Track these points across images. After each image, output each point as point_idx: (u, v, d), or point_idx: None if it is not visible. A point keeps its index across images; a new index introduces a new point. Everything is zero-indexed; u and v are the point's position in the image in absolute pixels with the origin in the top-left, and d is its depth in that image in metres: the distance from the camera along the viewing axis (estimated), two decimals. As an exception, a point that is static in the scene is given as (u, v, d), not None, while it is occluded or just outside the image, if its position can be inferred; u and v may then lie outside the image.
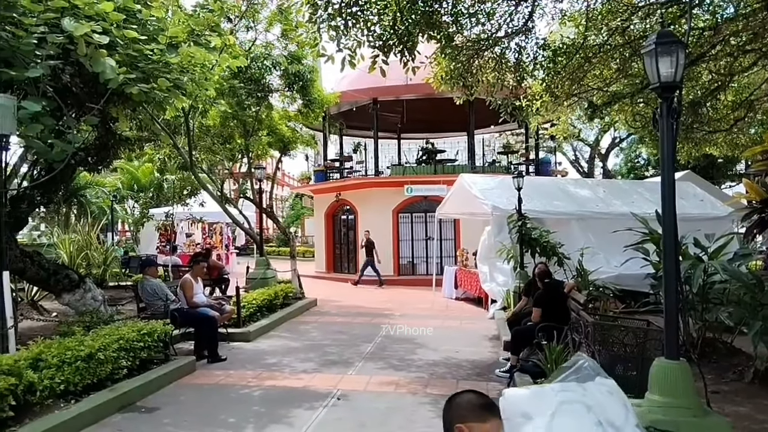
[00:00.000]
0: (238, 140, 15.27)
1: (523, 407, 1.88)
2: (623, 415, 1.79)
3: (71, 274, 8.80)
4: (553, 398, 1.85)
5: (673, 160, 3.44)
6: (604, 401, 1.82)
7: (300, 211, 40.66)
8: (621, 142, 33.76)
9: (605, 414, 1.77)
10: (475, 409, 1.95)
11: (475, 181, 12.92)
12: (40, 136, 6.29)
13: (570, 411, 1.78)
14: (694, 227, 7.73)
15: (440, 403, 6.03)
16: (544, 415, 1.79)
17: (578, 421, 1.75)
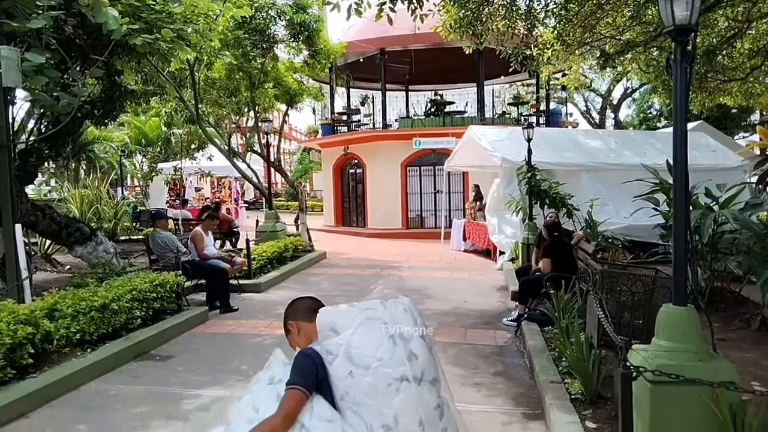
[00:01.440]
0: (244, 93, 15.11)
1: (332, 323, 2.12)
2: (412, 329, 2.16)
3: (82, 227, 8.89)
4: (357, 315, 2.13)
5: (685, 107, 3.37)
6: (399, 316, 2.16)
7: (308, 165, 40.57)
8: (633, 93, 33.15)
9: (398, 328, 2.13)
10: (307, 311, 2.30)
11: (485, 133, 12.78)
12: (46, 89, 6.25)
13: (368, 326, 2.09)
14: (705, 177, 7.63)
15: (449, 351, 6.18)
16: (348, 329, 2.08)
17: (374, 334, 2.07)
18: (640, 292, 4.62)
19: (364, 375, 2.02)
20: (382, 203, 19.30)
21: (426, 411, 2.06)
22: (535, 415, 4.54)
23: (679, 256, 3.22)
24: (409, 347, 2.10)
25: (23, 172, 7.92)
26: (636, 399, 3.09)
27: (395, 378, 2.02)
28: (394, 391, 2.01)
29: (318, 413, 2.00)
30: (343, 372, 2.04)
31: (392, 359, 2.05)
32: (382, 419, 2.00)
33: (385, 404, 2.00)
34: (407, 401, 2.02)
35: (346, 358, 2.05)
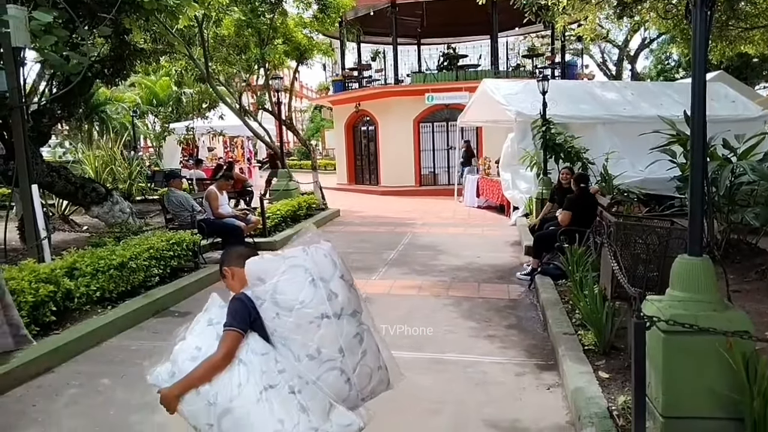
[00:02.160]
0: (254, 50, 14.92)
1: (259, 273, 2.34)
2: (331, 271, 2.39)
3: (98, 188, 8.97)
4: (281, 264, 2.35)
5: (705, 55, 3.28)
6: (320, 261, 2.39)
7: (319, 123, 40.32)
8: (651, 43, 32.25)
9: (319, 272, 2.35)
10: (239, 257, 2.50)
11: (499, 87, 12.56)
12: (55, 48, 6.21)
13: (291, 273, 2.32)
14: (723, 129, 7.47)
15: (462, 305, 6.24)
16: (272, 278, 2.32)
17: (296, 280, 2.31)
18: (655, 245, 4.59)
19: (288, 316, 2.29)
20: (395, 160, 19.22)
21: (346, 340, 2.36)
22: (548, 366, 4.60)
23: (695, 205, 3.18)
24: (329, 287, 2.36)
25: (37, 132, 7.96)
26: (649, 349, 3.10)
27: (316, 316, 2.30)
28: (316, 327, 2.29)
29: (253, 348, 2.28)
30: (270, 314, 2.31)
31: (313, 300, 2.31)
32: (307, 350, 2.30)
33: (308, 338, 2.29)
34: (328, 334, 2.31)
35: (272, 303, 2.30)
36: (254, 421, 2.19)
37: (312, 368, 2.30)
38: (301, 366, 2.31)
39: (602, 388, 3.80)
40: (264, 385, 2.23)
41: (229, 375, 2.24)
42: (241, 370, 2.24)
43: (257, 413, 2.19)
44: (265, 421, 2.19)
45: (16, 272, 5.26)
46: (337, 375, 2.33)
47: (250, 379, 2.23)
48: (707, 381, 3.09)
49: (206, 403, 2.23)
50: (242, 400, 2.21)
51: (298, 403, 2.24)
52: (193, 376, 2.24)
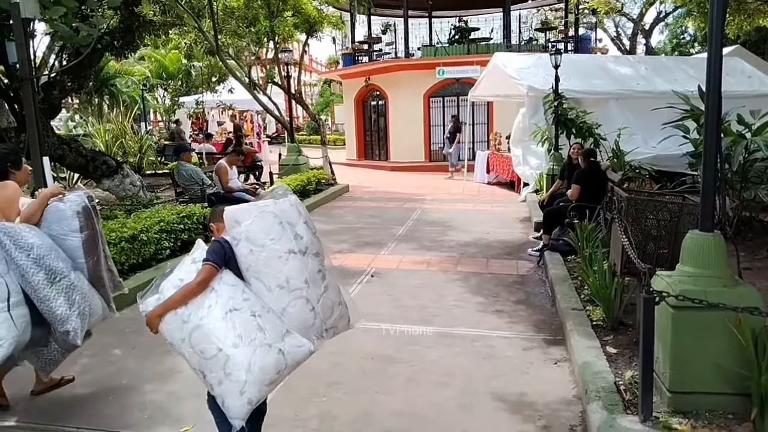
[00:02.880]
0: (263, 22, 14.81)
1: (235, 217, 2.73)
2: (296, 217, 2.78)
3: (108, 160, 9.01)
4: (254, 210, 2.75)
5: (722, 28, 3.21)
6: (287, 209, 2.79)
7: (329, 98, 40.07)
8: (667, 17, 31.54)
9: (286, 217, 2.75)
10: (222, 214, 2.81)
11: (511, 61, 12.40)
12: (64, 20, 6.19)
13: (262, 217, 2.71)
14: (738, 104, 7.32)
15: (471, 280, 6.25)
16: (247, 220, 2.70)
17: (267, 222, 2.70)
18: (666, 221, 4.56)
19: (261, 251, 2.67)
20: (405, 136, 19.10)
21: (310, 274, 2.75)
22: (556, 341, 4.62)
23: (708, 180, 3.15)
24: (295, 230, 2.74)
25: (47, 105, 7.97)
26: (658, 324, 3.10)
27: (284, 251, 2.68)
28: (285, 261, 2.68)
29: (225, 280, 2.67)
30: (245, 251, 2.68)
31: (281, 238, 2.69)
32: (278, 281, 2.68)
33: (278, 270, 2.68)
34: (295, 267, 2.70)
35: (246, 241, 2.68)
36: (219, 334, 2.56)
37: (282, 297, 2.68)
38: (272, 296, 2.68)
39: (610, 363, 3.82)
40: (229, 308, 2.60)
41: (201, 299, 2.63)
42: (211, 295, 2.63)
43: (221, 328, 2.57)
44: (227, 334, 2.56)
45: (29, 244, 5.31)
46: (303, 303, 2.72)
47: (218, 302, 2.61)
48: (715, 356, 3.10)
49: (181, 322, 2.61)
50: (210, 318, 2.59)
51: (256, 324, 2.60)
52: (173, 299, 2.64)
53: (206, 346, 2.57)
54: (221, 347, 2.55)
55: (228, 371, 2.55)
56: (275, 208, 2.76)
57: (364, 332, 4.88)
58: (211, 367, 2.57)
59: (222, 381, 2.56)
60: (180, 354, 2.69)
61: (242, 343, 2.55)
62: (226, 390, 2.56)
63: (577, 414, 3.50)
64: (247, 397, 2.56)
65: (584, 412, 3.45)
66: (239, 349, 2.54)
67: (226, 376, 2.55)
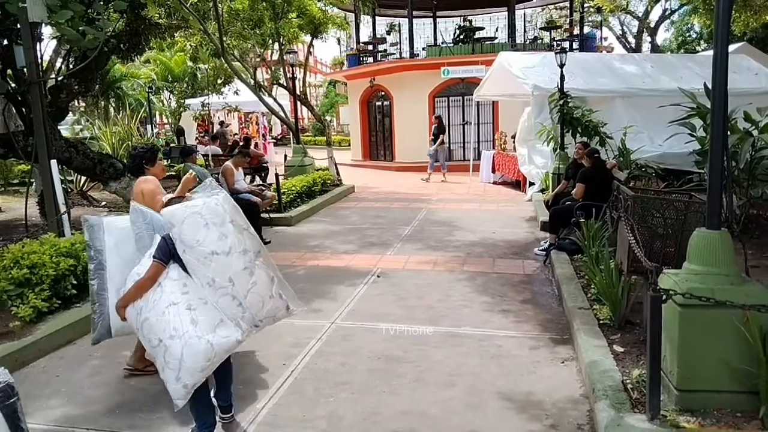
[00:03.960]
0: (268, 24, 14.82)
1: (169, 218, 3.00)
2: (222, 217, 3.03)
3: (115, 163, 9.04)
4: (184, 212, 3.00)
5: (728, 24, 3.19)
6: (213, 209, 3.02)
7: (334, 99, 40.09)
8: (672, 14, 31.45)
9: (212, 217, 3.00)
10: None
11: (516, 60, 12.37)
12: (71, 23, 6.23)
13: (192, 219, 2.97)
14: (745, 102, 7.30)
15: (477, 280, 6.25)
16: (179, 223, 2.97)
17: (195, 223, 2.96)
18: (673, 219, 4.55)
19: (190, 253, 2.98)
20: (410, 136, 19.09)
21: (234, 272, 3.01)
22: (563, 340, 4.61)
23: (715, 177, 3.14)
24: (220, 230, 3.00)
25: (55, 108, 8.02)
26: (665, 322, 3.10)
27: (208, 253, 2.97)
28: (209, 261, 2.97)
29: (170, 275, 3.02)
30: (180, 250, 3.00)
31: (206, 240, 2.97)
32: (206, 279, 3.00)
33: (205, 270, 2.99)
34: (217, 268, 2.98)
35: (180, 242, 2.98)
36: (158, 328, 2.92)
37: (211, 293, 3.01)
38: (205, 291, 3.02)
39: (617, 362, 3.81)
40: (170, 302, 2.94)
41: (151, 294, 2.99)
42: (157, 290, 2.99)
43: (161, 321, 2.92)
44: (165, 327, 2.90)
45: (37, 246, 5.36)
46: (229, 299, 3.03)
47: (162, 297, 2.96)
48: (723, 354, 3.09)
49: (136, 314, 3.00)
50: (154, 312, 2.95)
51: (190, 317, 2.93)
52: (129, 293, 3.06)
53: (152, 336, 2.94)
54: (161, 338, 2.91)
55: (167, 360, 2.89)
56: (203, 208, 3.02)
57: (370, 332, 4.89)
58: (156, 355, 2.96)
59: (164, 368, 2.92)
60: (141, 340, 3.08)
61: (177, 335, 2.88)
62: (167, 377, 2.92)
63: (585, 413, 3.50)
64: (183, 382, 2.89)
65: (591, 411, 3.45)
66: (174, 341, 2.88)
67: (165, 364, 2.90)
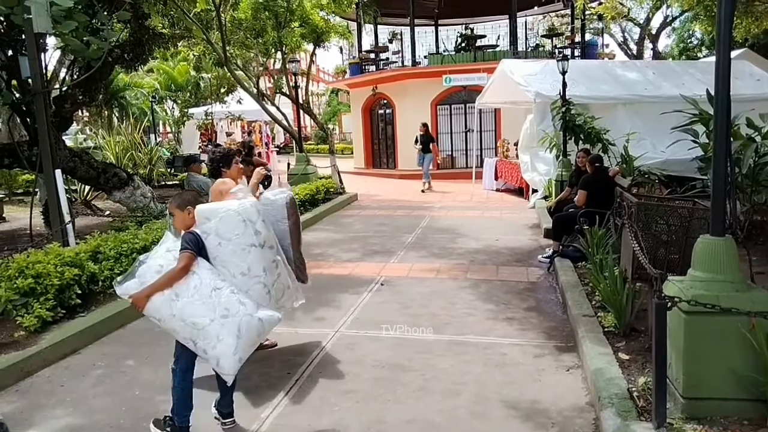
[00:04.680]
0: (271, 33, 14.92)
1: (207, 213, 3.27)
2: (256, 216, 3.36)
3: (119, 172, 9.08)
4: (221, 209, 3.28)
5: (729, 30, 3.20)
6: (248, 208, 3.34)
7: (336, 107, 40.22)
8: (673, 21, 31.45)
9: (247, 215, 3.31)
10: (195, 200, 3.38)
11: (517, 67, 12.40)
12: (75, 34, 6.27)
13: (228, 215, 3.26)
14: (747, 108, 7.29)
15: (481, 287, 6.24)
16: (216, 218, 3.25)
17: (232, 220, 3.26)
18: (677, 225, 4.54)
19: (228, 244, 3.24)
20: (412, 144, 19.11)
21: (267, 264, 3.39)
22: (568, 348, 4.60)
23: (718, 184, 3.14)
24: (255, 227, 3.31)
25: (59, 118, 8.06)
26: (670, 330, 3.09)
27: (247, 245, 3.27)
28: (247, 253, 3.28)
29: (203, 265, 3.21)
30: (214, 243, 3.24)
31: (245, 234, 3.27)
32: (241, 269, 3.27)
33: (242, 260, 3.27)
34: (255, 258, 3.31)
35: (216, 235, 3.23)
36: (207, 308, 3.11)
37: (244, 282, 3.27)
38: (236, 281, 3.26)
39: (622, 370, 3.80)
40: (212, 287, 3.15)
41: (186, 281, 3.14)
42: (194, 278, 3.16)
43: (209, 303, 3.12)
44: (215, 308, 3.11)
45: (42, 256, 5.37)
46: (261, 287, 3.34)
47: (203, 283, 3.15)
48: (729, 362, 3.08)
49: (170, 300, 3.12)
50: (198, 296, 3.13)
51: (237, 299, 3.18)
52: (160, 282, 3.13)
53: (198, 319, 3.10)
54: (212, 318, 3.10)
55: (221, 337, 3.10)
56: (239, 207, 3.30)
57: (375, 341, 4.88)
58: (204, 335, 3.11)
59: (216, 346, 3.11)
60: (166, 328, 3.18)
61: (230, 314, 3.12)
62: (221, 352, 3.11)
63: (590, 421, 3.49)
64: (239, 356, 3.16)
65: (597, 419, 3.43)
66: (229, 319, 3.11)
67: (219, 341, 3.11)
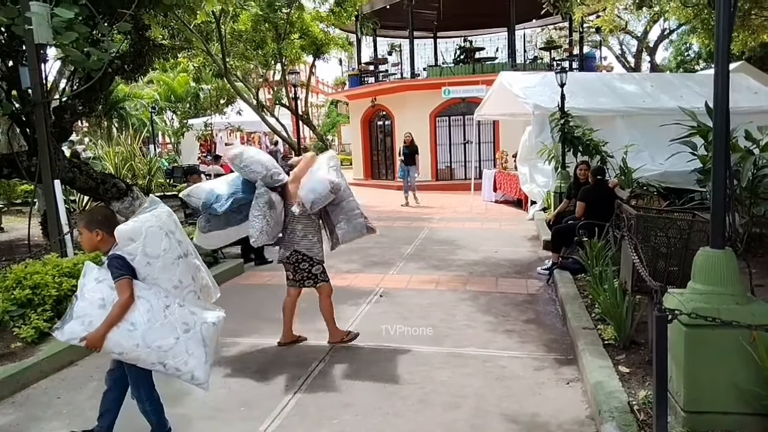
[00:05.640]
0: (271, 45, 15.00)
1: (130, 234, 3.13)
2: (174, 226, 3.28)
3: (118, 183, 9.05)
4: (143, 227, 3.16)
5: (728, 42, 3.22)
6: (165, 220, 3.25)
7: (336, 118, 40.35)
8: (671, 34, 31.70)
9: (168, 227, 3.23)
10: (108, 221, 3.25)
11: (516, 79, 12.46)
12: (76, 44, 6.28)
13: (152, 232, 3.16)
14: (745, 120, 7.31)
15: (480, 299, 6.22)
16: (140, 237, 3.12)
17: (156, 236, 3.16)
18: (676, 238, 4.54)
19: (157, 261, 3.16)
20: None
21: (193, 271, 3.37)
22: (568, 361, 4.58)
23: (718, 196, 3.14)
24: (176, 237, 3.27)
25: (59, 128, 8.05)
26: (671, 343, 3.08)
27: (175, 258, 3.22)
28: (176, 266, 3.23)
29: (141, 287, 3.14)
30: (143, 263, 3.14)
31: (170, 247, 3.21)
32: (173, 283, 3.22)
33: (173, 274, 3.22)
34: (183, 269, 3.27)
35: (143, 255, 3.13)
36: (169, 329, 3.10)
37: (177, 294, 3.23)
38: (170, 294, 3.22)
39: (622, 383, 3.78)
40: (162, 306, 3.13)
41: (137, 308, 3.07)
42: (143, 303, 3.09)
43: (168, 323, 3.11)
44: (176, 326, 3.12)
45: (40, 267, 5.35)
46: (192, 295, 3.33)
47: (154, 305, 3.11)
48: (731, 375, 3.06)
49: (128, 331, 3.03)
50: (156, 319, 3.09)
51: (188, 311, 3.21)
52: (113, 316, 3.01)
53: (163, 342, 3.09)
54: (178, 336, 3.12)
55: (191, 351, 3.15)
56: (158, 221, 3.23)
57: (374, 353, 4.86)
58: (174, 354, 3.12)
59: (188, 361, 3.15)
60: (129, 359, 3.10)
61: (190, 327, 3.17)
62: (194, 366, 3.16)
63: (591, 435, 3.46)
64: (209, 364, 3.25)
65: (598, 432, 3.41)
66: (191, 332, 3.17)
67: (189, 356, 3.15)
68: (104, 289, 3.10)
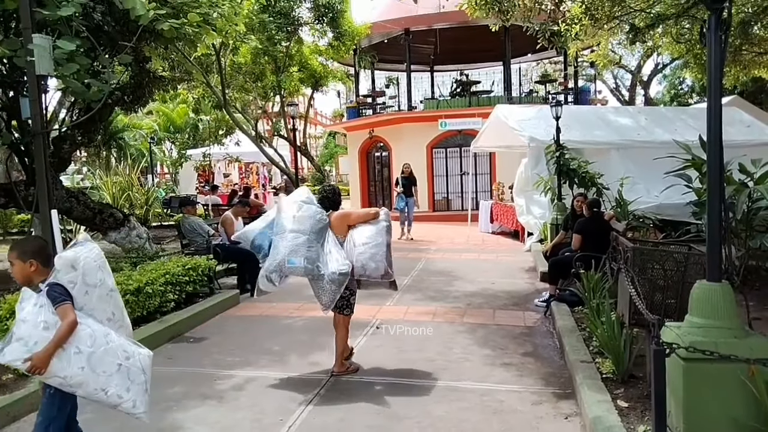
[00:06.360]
0: (270, 77, 15.19)
1: (71, 261, 3.12)
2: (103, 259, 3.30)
3: (115, 213, 9.06)
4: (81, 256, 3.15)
5: (720, 78, 3.27)
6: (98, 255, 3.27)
7: (333, 149, 40.63)
8: (664, 68, 32.20)
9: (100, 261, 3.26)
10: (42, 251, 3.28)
11: (512, 112, 12.61)
12: (77, 76, 6.34)
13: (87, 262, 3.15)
14: (739, 154, 7.38)
15: (477, 332, 6.19)
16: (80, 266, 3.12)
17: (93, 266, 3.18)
18: (673, 270, 4.54)
19: (94, 291, 3.18)
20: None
21: (121, 305, 3.40)
22: (566, 395, 4.53)
23: (713, 229, 3.16)
24: (106, 270, 3.30)
25: (57, 158, 8.09)
26: (669, 377, 3.05)
27: (109, 290, 3.28)
28: (110, 297, 3.28)
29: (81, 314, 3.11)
30: (81, 292, 3.13)
31: (104, 279, 3.25)
32: (107, 315, 3.25)
33: (108, 305, 3.26)
34: (115, 302, 3.32)
35: (83, 284, 3.13)
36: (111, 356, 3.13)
37: (111, 327, 3.25)
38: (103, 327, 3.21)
39: (621, 417, 3.73)
40: (104, 333, 3.16)
41: (80, 333, 3.06)
42: (85, 329, 3.09)
43: (111, 350, 3.14)
44: (117, 352, 3.16)
45: (34, 297, 5.31)
46: (123, 329, 3.36)
47: (96, 331, 3.13)
48: (729, 410, 3.03)
49: (74, 353, 3.02)
50: (98, 344, 3.10)
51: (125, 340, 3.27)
52: (59, 337, 2.96)
53: (107, 367, 3.11)
54: (120, 363, 3.15)
55: (132, 378, 3.19)
56: (91, 254, 3.24)
57: (370, 386, 4.80)
58: (116, 381, 3.14)
59: (129, 388, 3.18)
60: (72, 384, 3.03)
61: (130, 355, 3.22)
62: (135, 393, 3.20)
63: (590, 471, 3.40)
64: (148, 393, 3.28)
65: (597, 468, 3.35)
66: (131, 360, 3.21)
67: (132, 382, 3.19)
68: (45, 313, 3.03)
